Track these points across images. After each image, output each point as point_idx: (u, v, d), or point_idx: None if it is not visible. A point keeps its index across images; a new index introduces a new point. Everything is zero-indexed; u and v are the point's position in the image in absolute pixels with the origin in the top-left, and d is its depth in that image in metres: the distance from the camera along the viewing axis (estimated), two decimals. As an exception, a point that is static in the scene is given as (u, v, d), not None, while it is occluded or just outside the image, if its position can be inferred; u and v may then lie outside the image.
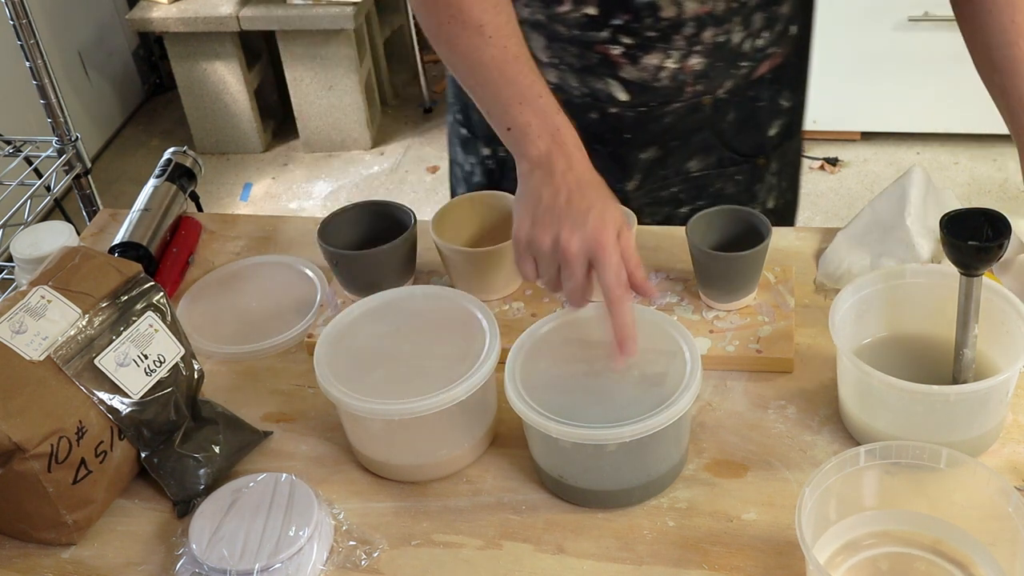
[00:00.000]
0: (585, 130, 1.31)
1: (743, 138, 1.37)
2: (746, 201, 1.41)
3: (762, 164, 1.40)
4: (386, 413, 1.02)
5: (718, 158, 1.37)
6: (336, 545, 1.02)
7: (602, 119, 1.32)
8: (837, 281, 1.24)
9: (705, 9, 1.23)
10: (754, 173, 1.40)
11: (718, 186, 1.39)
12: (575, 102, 1.31)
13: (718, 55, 1.28)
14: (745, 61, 1.30)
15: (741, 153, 1.38)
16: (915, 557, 0.96)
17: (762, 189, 1.42)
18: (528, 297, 1.26)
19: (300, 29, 3.36)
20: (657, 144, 1.34)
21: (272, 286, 1.34)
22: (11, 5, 1.61)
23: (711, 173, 1.38)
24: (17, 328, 1.02)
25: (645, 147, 1.34)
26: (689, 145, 1.35)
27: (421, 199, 3.35)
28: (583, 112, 1.32)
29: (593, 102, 1.31)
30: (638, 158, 1.35)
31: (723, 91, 1.31)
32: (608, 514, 1.03)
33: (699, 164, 1.37)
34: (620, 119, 1.31)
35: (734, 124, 1.35)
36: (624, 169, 1.36)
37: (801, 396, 1.12)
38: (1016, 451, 1.04)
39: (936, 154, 3.27)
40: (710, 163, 1.37)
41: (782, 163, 1.43)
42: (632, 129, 1.32)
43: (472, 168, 1.46)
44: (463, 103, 1.44)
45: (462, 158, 1.48)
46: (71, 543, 1.05)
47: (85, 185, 1.76)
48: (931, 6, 2.99)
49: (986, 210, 0.98)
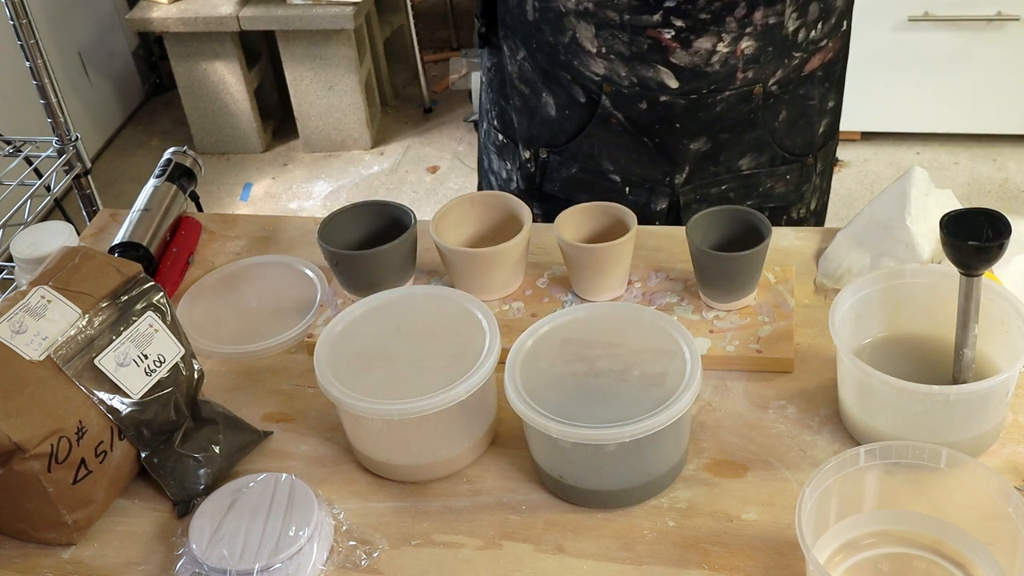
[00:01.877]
0: (635, 122, 1.31)
1: (794, 137, 1.36)
2: (795, 201, 1.41)
3: (810, 164, 1.40)
4: (386, 413, 1.02)
5: (770, 157, 1.37)
6: (336, 545, 1.02)
7: (651, 109, 1.31)
8: (837, 281, 1.24)
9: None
10: (803, 173, 1.40)
11: (768, 185, 1.39)
12: (624, 92, 1.30)
13: (769, 39, 1.26)
14: (797, 51, 1.30)
15: (792, 153, 1.37)
16: (915, 557, 0.96)
17: (809, 189, 1.43)
18: (528, 297, 1.26)
19: (300, 29, 3.36)
20: (707, 135, 1.33)
21: (272, 286, 1.34)
22: (11, 5, 1.61)
23: (762, 172, 1.38)
24: (17, 328, 1.02)
25: (695, 137, 1.33)
26: (741, 142, 1.35)
27: (421, 199, 3.35)
28: (633, 103, 1.31)
29: (642, 91, 1.30)
30: (688, 148, 1.34)
31: (774, 82, 1.31)
32: (608, 514, 1.03)
33: (751, 162, 1.37)
34: (670, 108, 1.30)
35: (785, 122, 1.34)
36: (673, 161, 1.35)
37: (801, 396, 1.12)
38: (1016, 451, 1.04)
39: (936, 154, 3.27)
40: (762, 162, 1.37)
41: (825, 163, 1.44)
42: (682, 118, 1.31)
43: (510, 174, 1.45)
44: (501, 108, 1.42)
45: (498, 165, 1.47)
46: (71, 543, 1.05)
47: (85, 185, 1.76)
48: (931, 6, 2.99)
49: (986, 210, 0.98)
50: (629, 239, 1.20)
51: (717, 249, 1.19)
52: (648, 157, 1.33)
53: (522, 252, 1.25)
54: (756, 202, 1.39)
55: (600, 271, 1.21)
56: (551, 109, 1.36)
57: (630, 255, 1.22)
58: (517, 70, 1.37)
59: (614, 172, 1.38)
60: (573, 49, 1.30)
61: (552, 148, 1.39)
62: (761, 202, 1.40)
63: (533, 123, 1.39)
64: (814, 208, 1.46)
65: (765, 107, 1.33)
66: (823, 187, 1.46)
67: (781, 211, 1.42)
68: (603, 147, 1.37)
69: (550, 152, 1.39)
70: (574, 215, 1.24)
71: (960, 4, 2.96)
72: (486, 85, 1.44)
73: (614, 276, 1.22)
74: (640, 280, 1.26)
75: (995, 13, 2.95)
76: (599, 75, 1.30)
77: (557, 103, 1.36)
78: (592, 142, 1.36)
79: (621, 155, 1.37)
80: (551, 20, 1.30)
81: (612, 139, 1.36)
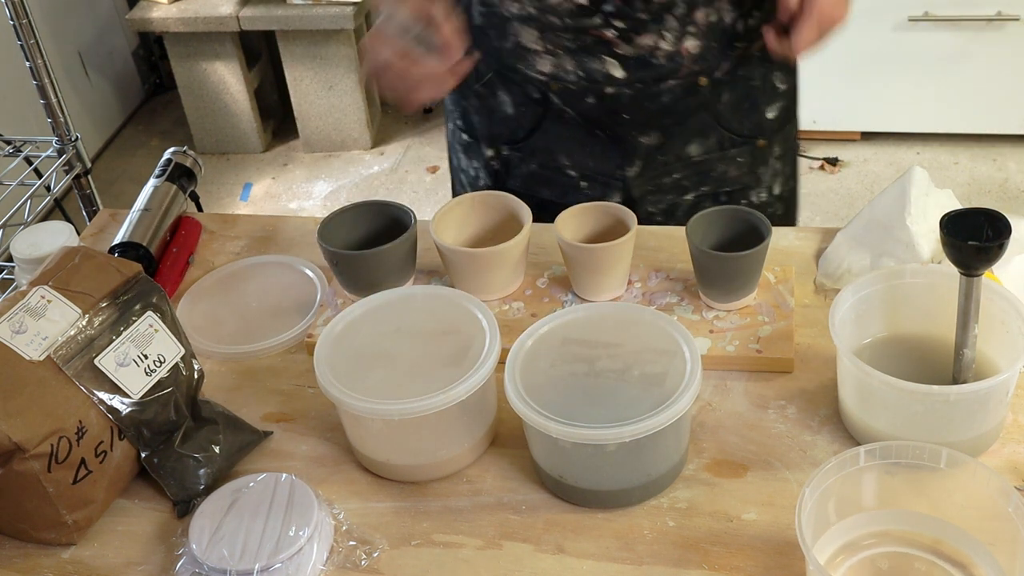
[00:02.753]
0: (584, 115, 1.32)
1: (740, 118, 1.37)
2: (752, 184, 1.42)
3: (763, 146, 1.40)
4: (386, 413, 1.02)
5: (717, 140, 1.37)
6: (336, 545, 1.02)
7: (599, 102, 1.33)
8: (837, 281, 1.24)
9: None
10: (756, 155, 1.41)
11: (720, 170, 1.40)
12: (571, 88, 1.32)
13: (712, 36, 1.29)
14: (740, 42, 1.31)
15: (740, 134, 1.38)
16: (915, 557, 0.96)
17: (766, 173, 1.43)
18: (528, 297, 1.26)
19: (300, 29, 3.36)
20: (657, 128, 1.35)
21: (272, 286, 1.34)
22: (11, 5, 1.61)
23: (712, 157, 1.38)
24: (17, 328, 1.02)
25: (645, 130, 1.35)
26: (687, 128, 1.36)
27: (421, 199, 3.35)
28: (580, 98, 1.33)
29: (589, 84, 1.31)
30: (638, 142, 1.36)
31: (720, 72, 1.32)
32: (608, 514, 1.03)
33: (699, 148, 1.37)
34: (617, 99, 1.32)
35: (729, 104, 1.35)
36: (625, 154, 1.37)
37: (801, 396, 1.12)
38: (1016, 451, 1.04)
39: (936, 154, 3.27)
40: (710, 146, 1.38)
41: (784, 147, 1.44)
42: (630, 109, 1.33)
43: (476, 172, 1.47)
44: (463, 109, 1.45)
45: (465, 163, 1.49)
46: (71, 543, 1.05)
47: (85, 185, 1.76)
48: (931, 6, 2.99)
49: (986, 210, 0.98)
50: (629, 239, 1.20)
51: (717, 249, 1.19)
52: (601, 150, 1.35)
53: (522, 252, 1.25)
54: (711, 187, 1.40)
55: (600, 271, 1.21)
56: (507, 107, 1.39)
57: (630, 255, 1.22)
58: (472, 72, 1.39)
59: (570, 167, 1.40)
60: (518, 52, 1.33)
61: (512, 145, 1.41)
62: (716, 187, 1.41)
63: (492, 122, 1.41)
64: (779, 193, 1.46)
65: (710, 92, 1.34)
66: (787, 172, 1.47)
67: (739, 194, 1.43)
68: (558, 142, 1.39)
69: (510, 149, 1.41)
70: (574, 215, 1.24)
71: (960, 4, 2.96)
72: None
73: (614, 276, 1.22)
74: (640, 280, 1.26)
75: (995, 13, 2.95)
76: (545, 73, 1.32)
77: (512, 100, 1.38)
78: (548, 138, 1.39)
79: (575, 149, 1.39)
80: (495, 25, 1.33)
81: (566, 134, 1.38)
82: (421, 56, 1.18)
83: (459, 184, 1.54)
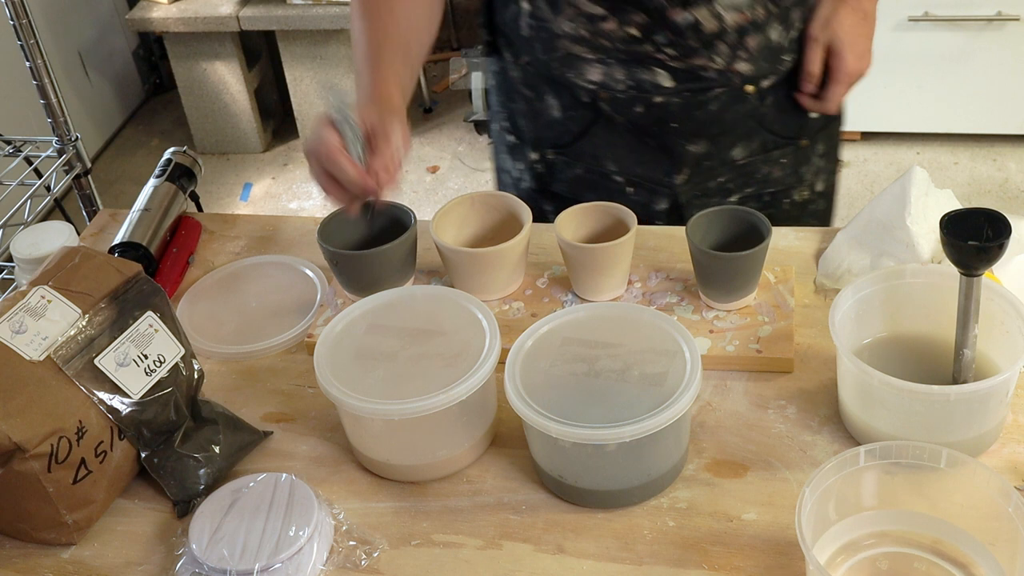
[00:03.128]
0: (634, 123, 1.32)
1: (784, 121, 1.38)
2: (795, 184, 1.42)
3: (805, 145, 1.41)
4: (386, 413, 1.02)
5: (761, 143, 1.38)
6: (336, 545, 1.02)
7: (648, 110, 1.33)
8: (837, 281, 1.24)
9: (745, 18, 1.25)
10: (799, 155, 1.41)
11: (764, 171, 1.40)
12: (620, 97, 1.32)
13: (762, 56, 1.30)
14: (787, 55, 1.32)
15: (783, 136, 1.38)
16: (915, 557, 0.96)
17: (809, 171, 1.44)
18: (528, 297, 1.26)
19: (300, 29, 3.36)
20: (705, 136, 1.35)
21: (272, 286, 1.34)
22: (11, 5, 1.61)
23: (756, 159, 1.39)
24: (17, 328, 1.02)
25: (693, 138, 1.35)
26: (733, 133, 1.36)
27: (421, 199, 3.35)
28: (629, 106, 1.32)
29: (638, 94, 1.31)
30: (686, 150, 1.35)
31: (766, 82, 1.33)
32: (608, 514, 1.03)
33: (743, 151, 1.38)
34: (665, 108, 1.32)
35: (773, 107, 1.35)
36: (673, 162, 1.37)
37: (801, 396, 1.12)
38: (1016, 451, 1.04)
39: (936, 154, 3.27)
40: (754, 149, 1.38)
41: (828, 145, 1.45)
42: (679, 118, 1.33)
43: (521, 173, 1.47)
44: (509, 111, 1.44)
45: (510, 164, 1.49)
46: (71, 543, 1.05)
47: (85, 185, 1.76)
48: (931, 6, 2.99)
49: (986, 210, 0.98)
50: (629, 239, 1.20)
51: (717, 249, 1.19)
52: (650, 157, 1.35)
53: (522, 252, 1.25)
54: (755, 189, 1.41)
55: (600, 271, 1.21)
56: (555, 111, 1.38)
57: (630, 255, 1.22)
58: (520, 75, 1.39)
59: (617, 172, 1.39)
60: (568, 60, 1.32)
61: (558, 149, 1.40)
62: (760, 188, 1.41)
63: (538, 125, 1.41)
64: (821, 190, 1.47)
65: (755, 99, 1.34)
66: (830, 168, 1.48)
67: (782, 195, 1.43)
68: (606, 147, 1.38)
69: (556, 153, 1.40)
70: (574, 215, 1.24)
71: (960, 4, 2.96)
72: (495, 88, 1.46)
73: (614, 276, 1.22)
74: (640, 280, 1.26)
75: (995, 13, 2.95)
76: (595, 82, 1.32)
77: (561, 104, 1.37)
78: (595, 143, 1.38)
79: (624, 155, 1.38)
80: (544, 39, 1.33)
81: (615, 139, 1.37)
82: (342, 169, 1.10)
83: (502, 185, 1.53)
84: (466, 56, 3.96)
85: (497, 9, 1.38)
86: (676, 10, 1.25)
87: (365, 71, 1.18)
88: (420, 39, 1.25)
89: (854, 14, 1.33)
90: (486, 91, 1.55)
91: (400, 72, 1.19)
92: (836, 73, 1.32)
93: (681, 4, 1.24)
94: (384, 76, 1.16)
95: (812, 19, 1.33)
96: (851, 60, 1.32)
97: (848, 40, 1.32)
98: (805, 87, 1.34)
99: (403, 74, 1.19)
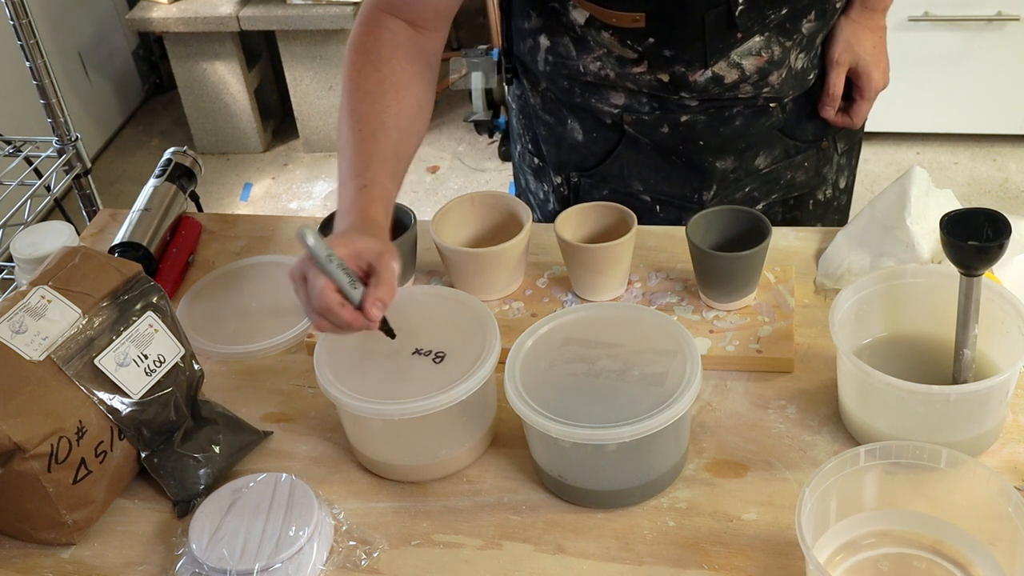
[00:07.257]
0: (660, 144, 1.33)
1: (804, 126, 1.38)
2: (818, 185, 1.43)
3: (826, 147, 1.41)
4: (386, 413, 1.02)
5: (783, 150, 1.38)
6: (336, 545, 1.02)
7: (673, 130, 1.33)
8: (837, 281, 1.24)
9: (763, 60, 1.26)
10: (820, 157, 1.42)
11: (788, 177, 1.41)
12: (645, 120, 1.32)
13: (787, 85, 1.31)
14: (809, 74, 1.34)
15: (804, 140, 1.39)
16: (915, 557, 0.96)
17: (831, 171, 1.45)
18: (528, 297, 1.26)
19: (300, 29, 3.35)
20: (732, 152, 1.35)
21: (272, 286, 1.34)
22: (11, 5, 1.61)
23: (779, 166, 1.39)
24: (17, 328, 1.02)
25: (720, 154, 1.35)
26: (757, 145, 1.37)
27: (421, 199, 3.35)
28: (654, 128, 1.33)
29: (664, 115, 1.32)
30: (715, 167, 1.36)
31: (788, 99, 1.34)
32: (608, 514, 1.03)
33: (766, 160, 1.38)
34: (691, 127, 1.32)
35: (793, 115, 1.36)
36: (702, 178, 1.37)
37: (801, 396, 1.12)
38: (1016, 451, 1.04)
39: (936, 154, 3.27)
40: (776, 156, 1.38)
41: (849, 142, 1.46)
42: (704, 135, 1.33)
43: (546, 196, 1.47)
44: (533, 133, 1.44)
45: (535, 186, 1.49)
46: (71, 543, 1.05)
47: (85, 185, 1.76)
48: (931, 6, 2.98)
49: (986, 210, 0.98)
50: (629, 239, 1.20)
51: (717, 249, 1.19)
52: (677, 175, 1.35)
53: (522, 252, 1.25)
54: (780, 194, 1.41)
55: (600, 271, 1.21)
56: (578, 135, 1.38)
57: (630, 255, 1.22)
58: (540, 101, 1.39)
59: (644, 192, 1.39)
60: (590, 88, 1.33)
61: (582, 172, 1.40)
62: (784, 194, 1.42)
63: (561, 150, 1.41)
64: (844, 186, 1.48)
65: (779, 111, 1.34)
66: (851, 164, 1.49)
67: (807, 197, 1.44)
68: (632, 168, 1.38)
69: (581, 175, 1.40)
70: (574, 215, 1.24)
71: (960, 4, 2.96)
72: (517, 111, 1.46)
73: (614, 276, 1.22)
74: (640, 280, 1.26)
75: (995, 13, 2.95)
76: (619, 106, 1.32)
77: (583, 128, 1.37)
78: (621, 163, 1.38)
79: (650, 175, 1.38)
80: (564, 75, 1.33)
81: (641, 160, 1.37)
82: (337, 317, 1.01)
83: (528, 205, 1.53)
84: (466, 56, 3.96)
85: (515, 40, 1.38)
86: (697, 72, 1.26)
87: (351, 187, 1.11)
88: (407, 152, 1.19)
89: (873, 33, 1.36)
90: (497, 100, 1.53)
91: (388, 189, 1.13)
92: (864, 92, 1.37)
93: (702, 65, 1.25)
94: (372, 197, 1.10)
95: (832, 42, 1.34)
96: (877, 77, 1.36)
97: (871, 59, 1.35)
98: (827, 112, 1.37)
99: (390, 189, 1.13)
